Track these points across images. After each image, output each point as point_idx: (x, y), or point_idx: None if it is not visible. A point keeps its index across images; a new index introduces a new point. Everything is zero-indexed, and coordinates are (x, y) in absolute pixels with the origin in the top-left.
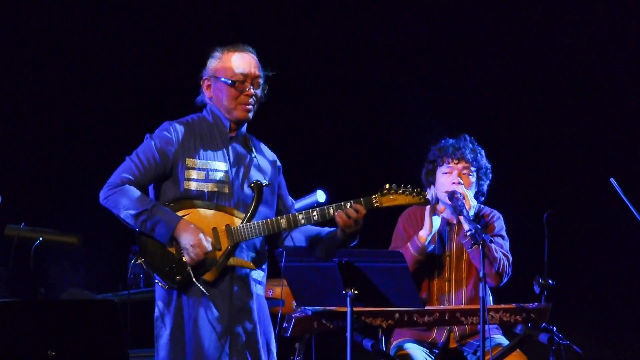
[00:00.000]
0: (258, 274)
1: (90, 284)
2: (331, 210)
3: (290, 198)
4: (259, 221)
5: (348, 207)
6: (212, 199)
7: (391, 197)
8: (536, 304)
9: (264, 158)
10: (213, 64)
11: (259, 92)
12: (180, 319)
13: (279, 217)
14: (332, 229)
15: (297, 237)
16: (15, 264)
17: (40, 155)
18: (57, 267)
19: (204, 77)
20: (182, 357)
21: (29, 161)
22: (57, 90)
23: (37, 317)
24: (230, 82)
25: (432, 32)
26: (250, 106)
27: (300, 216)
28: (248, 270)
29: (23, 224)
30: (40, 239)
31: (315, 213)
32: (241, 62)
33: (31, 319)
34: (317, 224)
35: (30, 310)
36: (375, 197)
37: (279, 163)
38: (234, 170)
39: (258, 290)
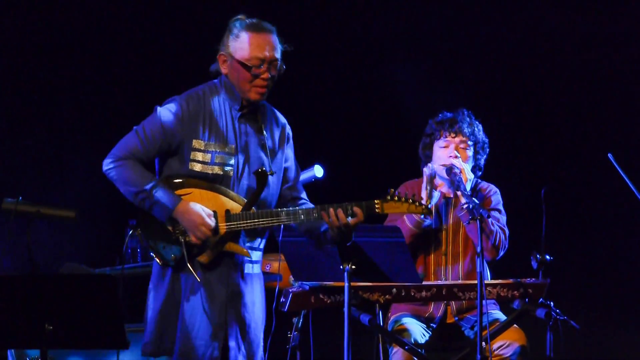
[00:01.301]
0: (255, 255)
1: (87, 258)
2: (331, 210)
3: (295, 168)
4: (260, 211)
5: (334, 211)
6: (216, 182)
7: (394, 205)
8: (533, 279)
9: (274, 131)
10: (231, 41)
11: (275, 74)
12: (172, 296)
13: (279, 210)
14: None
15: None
16: (13, 238)
17: (36, 127)
18: (53, 241)
19: (221, 52)
20: (172, 334)
21: (24, 134)
22: (55, 60)
23: (34, 292)
24: (246, 65)
25: (430, 7)
26: (265, 89)
27: (300, 211)
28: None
29: (20, 197)
30: (38, 213)
31: (315, 212)
32: (259, 44)
33: (29, 293)
34: (316, 221)
35: (27, 285)
36: (377, 203)
37: (288, 130)
38: (241, 154)
39: (254, 269)
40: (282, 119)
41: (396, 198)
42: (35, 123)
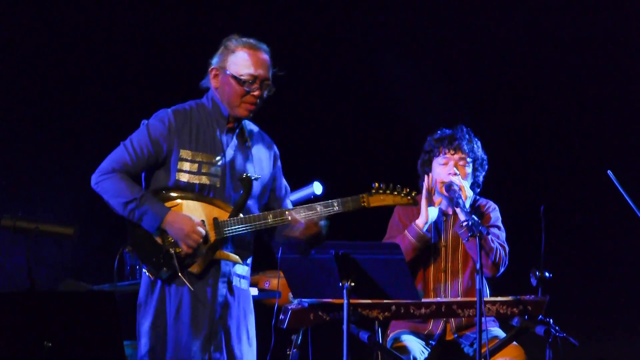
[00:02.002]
0: (242, 269)
1: (86, 275)
2: (318, 208)
3: (284, 186)
4: (247, 216)
5: (315, 210)
6: (202, 192)
7: (380, 197)
8: (533, 296)
9: (261, 147)
10: (225, 56)
11: (265, 93)
12: (163, 308)
13: (266, 213)
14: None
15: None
16: (12, 254)
17: (33, 142)
18: (51, 257)
19: (213, 66)
20: (163, 346)
21: (21, 149)
22: (50, 77)
23: (33, 309)
24: (239, 80)
25: (428, 22)
26: (254, 107)
27: (287, 212)
28: (232, 264)
29: (19, 214)
30: (37, 229)
31: (302, 211)
32: (253, 61)
33: (27, 310)
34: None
35: (26, 301)
36: (363, 197)
37: (275, 149)
38: (227, 164)
39: (242, 284)
40: (269, 139)
41: (381, 190)
42: (33, 137)
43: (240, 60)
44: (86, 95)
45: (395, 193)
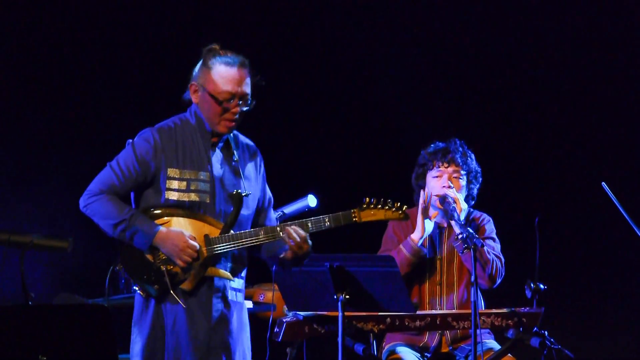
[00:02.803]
0: (237, 283)
1: (80, 289)
2: (309, 224)
3: (268, 197)
4: (238, 233)
5: (308, 225)
6: (192, 209)
7: (371, 212)
8: (528, 308)
9: (247, 158)
10: (203, 72)
11: (244, 108)
12: (157, 327)
13: (257, 229)
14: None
15: (269, 248)
16: (6, 268)
17: (26, 156)
18: (46, 271)
19: (193, 81)
20: None
21: (14, 163)
22: (40, 91)
23: (28, 322)
24: (217, 99)
25: (422, 34)
26: (234, 123)
27: (278, 229)
28: (225, 279)
29: (13, 229)
30: (31, 243)
31: (294, 225)
32: (231, 78)
33: (22, 323)
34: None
35: (21, 315)
36: (354, 212)
37: (260, 156)
38: (216, 179)
39: (238, 298)
40: (253, 146)
41: (372, 205)
42: (26, 151)
43: (218, 78)
44: (78, 107)
45: (387, 208)
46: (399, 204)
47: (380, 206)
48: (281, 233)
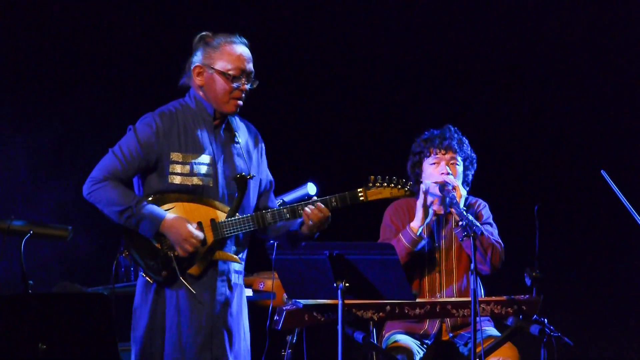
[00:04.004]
0: (239, 266)
1: (80, 277)
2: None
3: (270, 179)
4: (244, 216)
5: (321, 204)
6: (196, 193)
7: (377, 191)
8: (527, 296)
9: (249, 140)
10: (209, 52)
11: (249, 86)
12: (160, 311)
13: (264, 212)
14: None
15: (280, 229)
16: (6, 256)
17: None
18: (46, 259)
19: (196, 64)
20: (160, 349)
21: (15, 151)
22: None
23: (27, 311)
24: (228, 75)
25: (419, 23)
26: (242, 102)
27: (285, 210)
28: (230, 262)
29: (13, 217)
30: (30, 232)
31: (300, 208)
32: (239, 56)
33: (22, 312)
34: (290, 220)
35: (21, 304)
36: (360, 192)
37: (260, 139)
38: (218, 162)
39: (239, 280)
40: (253, 129)
41: (378, 184)
42: (25, 139)
43: (226, 56)
44: (81, 94)
45: (392, 185)
46: (403, 180)
47: (385, 184)
48: (287, 215)
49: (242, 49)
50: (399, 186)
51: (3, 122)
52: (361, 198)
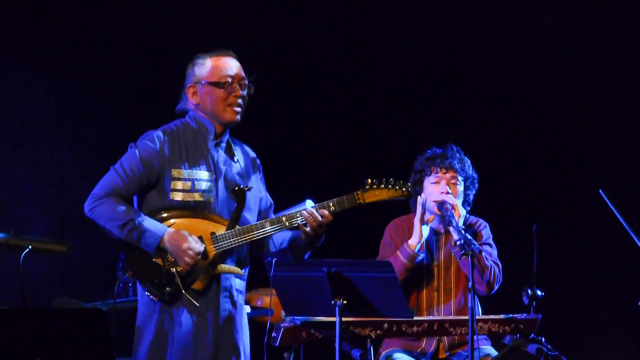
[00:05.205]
0: (240, 284)
1: (78, 292)
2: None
3: (269, 199)
4: (244, 227)
5: (318, 210)
6: (197, 209)
7: (375, 193)
8: (525, 314)
9: (246, 160)
10: (197, 70)
11: (245, 93)
12: (163, 328)
13: (263, 221)
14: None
15: (278, 240)
16: (4, 271)
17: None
18: (44, 274)
19: (189, 85)
20: None
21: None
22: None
23: (26, 325)
24: (218, 84)
25: (419, 35)
26: (239, 108)
27: (284, 219)
28: (233, 278)
29: (12, 231)
30: (30, 247)
31: (298, 215)
32: (226, 64)
33: (20, 326)
34: (289, 228)
35: (19, 318)
36: (357, 194)
37: (258, 162)
38: (218, 178)
39: (240, 299)
40: (252, 153)
41: (375, 185)
42: (24, 154)
43: (213, 68)
44: (82, 110)
45: (390, 187)
46: (401, 182)
47: (383, 186)
48: (286, 223)
49: (227, 58)
50: (397, 187)
51: (3, 137)
52: (358, 200)
